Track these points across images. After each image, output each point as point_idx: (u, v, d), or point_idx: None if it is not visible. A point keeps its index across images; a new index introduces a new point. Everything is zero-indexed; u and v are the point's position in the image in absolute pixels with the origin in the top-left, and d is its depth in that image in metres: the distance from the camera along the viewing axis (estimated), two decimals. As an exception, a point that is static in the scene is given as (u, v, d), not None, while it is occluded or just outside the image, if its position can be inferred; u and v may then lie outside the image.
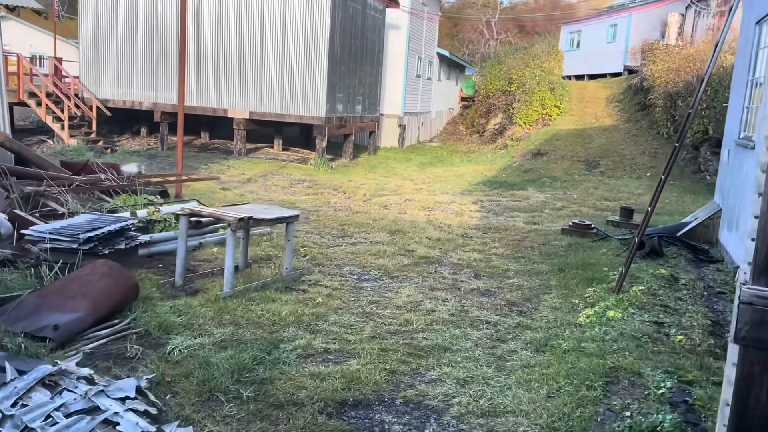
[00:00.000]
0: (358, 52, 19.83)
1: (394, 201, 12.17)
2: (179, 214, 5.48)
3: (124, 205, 7.26)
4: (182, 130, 10.27)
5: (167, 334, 4.38)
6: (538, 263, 7.67)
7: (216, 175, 11.80)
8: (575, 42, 35.79)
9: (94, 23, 18.63)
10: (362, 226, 9.25)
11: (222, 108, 18.20)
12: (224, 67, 17.93)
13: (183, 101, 10.22)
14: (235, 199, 11.13)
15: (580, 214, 11.50)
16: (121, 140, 20.19)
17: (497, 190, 14.67)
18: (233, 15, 17.62)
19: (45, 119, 17.73)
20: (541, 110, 22.07)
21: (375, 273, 6.80)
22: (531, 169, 17.55)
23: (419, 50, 26.89)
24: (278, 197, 11.93)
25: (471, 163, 21.01)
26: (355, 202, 11.89)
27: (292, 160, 18.81)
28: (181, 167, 10.28)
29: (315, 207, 11.02)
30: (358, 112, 20.50)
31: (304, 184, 14.06)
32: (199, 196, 11.04)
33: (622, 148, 18.29)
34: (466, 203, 12.34)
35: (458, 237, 8.96)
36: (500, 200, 12.96)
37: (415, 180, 16.42)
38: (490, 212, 11.48)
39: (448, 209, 11.53)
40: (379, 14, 21.61)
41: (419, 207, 11.55)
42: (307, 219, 9.75)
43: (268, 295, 5.47)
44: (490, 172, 18.28)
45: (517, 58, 27.85)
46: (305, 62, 17.34)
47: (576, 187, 14.93)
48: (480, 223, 10.18)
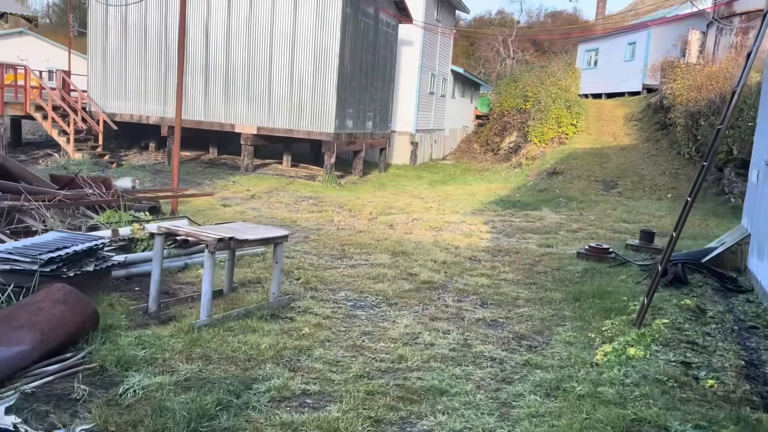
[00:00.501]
0: (370, 68, 19.47)
1: (400, 220, 11.64)
2: (154, 233, 5.01)
3: (107, 222, 6.81)
4: (179, 144, 9.86)
5: (125, 370, 3.87)
6: (551, 290, 7.08)
7: (210, 191, 11.36)
8: (592, 60, 35.29)
9: (103, 37, 18.48)
10: (364, 247, 8.73)
11: (229, 123, 17.88)
12: (232, 82, 17.64)
13: (180, 114, 9.83)
14: (235, 216, 10.68)
15: (597, 236, 10.88)
16: (128, 155, 19.94)
17: (510, 209, 14.09)
18: (242, 29, 17.37)
19: (51, 133, 17.52)
20: (557, 128, 21.50)
21: (372, 299, 6.25)
22: (546, 188, 16.94)
23: (433, 67, 26.51)
24: (280, 215, 11.46)
25: (484, 181, 20.46)
26: (359, 220, 11.38)
27: (300, 177, 18.39)
28: (178, 183, 9.85)
29: (317, 225, 10.53)
30: (369, 128, 20.09)
31: (309, 202, 13.60)
32: (197, 213, 10.61)
33: (642, 168, 17.63)
34: (476, 223, 11.78)
35: (466, 260, 8.40)
36: (513, 221, 12.38)
37: (425, 198, 15.91)
38: (501, 233, 10.90)
39: (456, 229, 10.97)
40: (391, 30, 21.28)
41: (427, 227, 11.01)
42: (307, 238, 9.25)
43: (250, 324, 4.95)
44: (503, 191, 17.70)
45: (533, 75, 27.36)
46: (314, 77, 16.99)
47: (593, 208, 14.30)
48: (490, 245, 9.61)
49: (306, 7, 16.79)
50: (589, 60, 35.48)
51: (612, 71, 32.37)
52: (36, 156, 18.38)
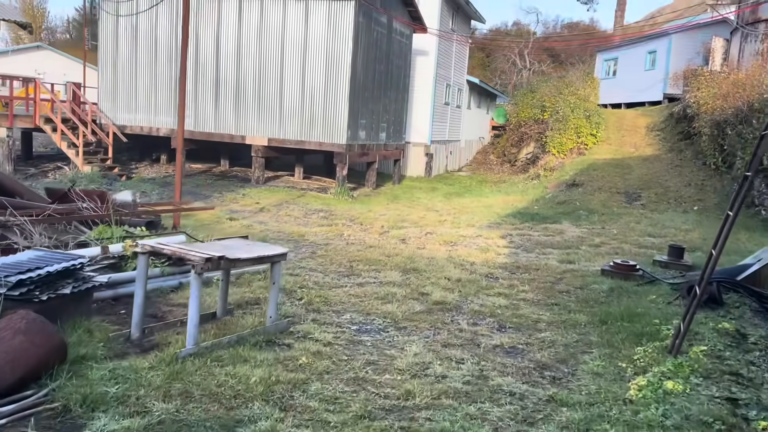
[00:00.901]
0: (383, 78, 19.07)
1: (413, 234, 11.13)
2: (137, 251, 4.56)
3: (97, 238, 6.40)
4: (181, 155, 9.47)
5: (92, 411, 3.40)
6: (575, 312, 6.51)
7: (211, 205, 10.93)
8: (611, 70, 34.62)
9: (113, 48, 18.31)
10: (373, 264, 8.23)
11: (240, 135, 17.55)
12: (243, 93, 17.33)
13: (182, 125, 9.45)
14: (240, 230, 10.25)
15: (621, 252, 10.28)
16: (138, 167, 19.70)
17: (528, 223, 13.51)
18: (253, 39, 17.07)
19: (60, 145, 17.33)
20: (576, 139, 20.88)
21: (379, 322, 5.74)
22: (566, 200, 16.33)
23: (448, 77, 26.07)
24: (288, 228, 11.02)
25: (501, 193, 19.89)
26: (370, 234, 10.89)
27: (312, 189, 17.98)
28: (180, 196, 9.45)
29: (325, 240, 10.06)
30: (382, 139, 19.65)
31: (319, 215, 13.15)
32: (201, 228, 10.21)
33: (665, 179, 16.95)
34: (493, 237, 11.22)
35: (482, 278, 7.85)
36: (531, 235, 11.80)
37: (440, 211, 15.38)
38: (519, 248, 10.34)
39: (472, 244, 10.43)
40: (405, 39, 20.90)
41: (441, 241, 10.48)
42: (314, 254, 8.77)
43: (241, 353, 4.46)
44: (521, 204, 17.11)
45: (551, 85, 26.80)
46: (326, 87, 16.61)
47: (615, 221, 13.67)
48: (508, 261, 9.05)
49: (317, 17, 16.47)
50: (608, 69, 34.81)
51: (632, 80, 31.67)
52: (46, 169, 18.19)
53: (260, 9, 16.92)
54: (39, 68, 42.25)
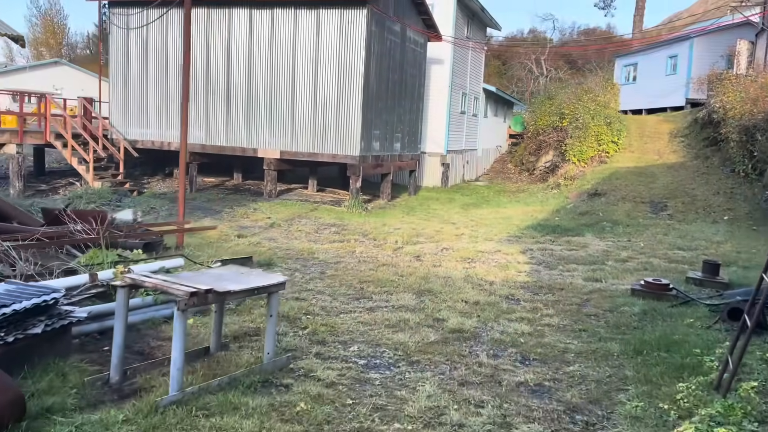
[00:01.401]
0: (397, 87, 18.63)
1: (429, 250, 10.60)
2: (115, 285, 4.10)
3: (87, 264, 5.98)
4: (184, 170, 9.07)
5: (49, 479, 2.93)
6: (606, 340, 5.93)
7: (212, 225, 10.44)
8: (631, 75, 33.90)
9: (125, 63, 18.11)
10: (385, 285, 7.71)
11: (252, 147, 17.19)
12: (255, 105, 16.99)
13: (185, 138, 9.04)
14: (247, 249, 9.81)
15: (650, 267, 9.64)
16: (150, 182, 19.44)
17: (550, 236, 12.90)
18: (263, 50, 16.74)
19: (70, 161, 17.11)
20: (597, 146, 20.22)
21: (389, 355, 5.22)
22: (588, 211, 15.66)
23: (464, 85, 25.57)
24: (298, 245, 10.55)
25: (520, 203, 19.27)
26: (383, 251, 10.38)
27: (326, 202, 17.54)
28: (183, 214, 9.03)
29: (336, 258, 9.57)
30: (397, 150, 19.18)
31: (331, 230, 12.68)
32: (209, 246, 9.79)
33: (692, 187, 16.22)
34: (513, 253, 10.65)
35: (502, 299, 7.29)
36: (553, 249, 11.20)
37: (457, 223, 14.83)
38: (541, 264, 9.75)
39: (491, 260, 9.87)
40: (419, 47, 20.46)
41: (458, 258, 9.94)
42: (323, 274, 8.28)
43: (232, 398, 3.97)
44: (541, 215, 16.49)
45: (569, 92, 26.15)
46: (338, 98, 16.20)
47: (641, 233, 13.00)
48: (529, 280, 8.47)
49: (329, 26, 16.09)
50: (628, 75, 34.10)
51: (652, 86, 30.93)
52: (57, 185, 18.00)
53: (270, 19, 16.60)
54: (57, 84, 42.65)
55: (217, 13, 17.06)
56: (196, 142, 17.66)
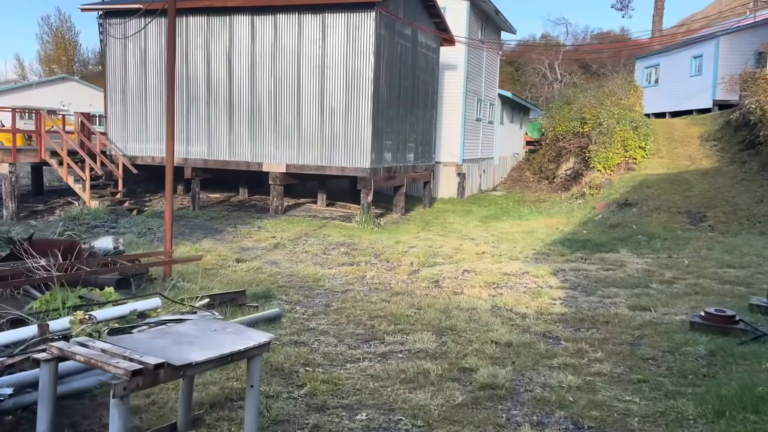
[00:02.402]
0: (409, 94, 17.60)
1: (448, 273, 9.49)
2: (38, 358, 3.07)
3: (39, 311, 4.97)
4: (171, 188, 8.05)
5: None
6: (675, 395, 4.78)
7: (197, 256, 9.27)
8: (652, 77, 32.63)
9: (123, 75, 17.28)
10: (400, 321, 6.62)
11: (256, 161, 16.23)
12: (258, 116, 16.05)
13: (171, 153, 8.05)
14: (245, 276, 8.77)
15: (702, 291, 8.46)
16: (152, 200, 18.55)
17: (580, 252, 11.74)
18: (266, 58, 15.81)
19: (66, 180, 16.25)
20: (624, 152, 19.01)
21: (406, 426, 4.13)
22: (619, 223, 14.45)
23: (479, 91, 24.50)
24: (302, 270, 9.50)
25: (542, 215, 18.09)
26: (397, 275, 9.29)
27: (335, 218, 16.51)
28: (171, 241, 8.01)
29: (344, 285, 8.50)
30: (410, 160, 18.12)
31: (340, 250, 11.62)
32: (203, 274, 8.77)
33: (732, 195, 14.96)
34: (543, 274, 9.50)
35: (538, 338, 6.17)
36: (587, 269, 10.03)
37: (477, 239, 13.71)
38: (577, 289, 8.60)
39: (519, 285, 8.74)
40: (432, 52, 19.44)
41: (481, 282, 8.82)
42: (327, 308, 7.21)
43: None
44: (567, 227, 15.32)
45: (589, 96, 24.97)
46: (347, 107, 15.20)
47: (683, 248, 11.79)
48: (567, 311, 7.33)
49: (335, 31, 15.13)
50: (649, 77, 32.82)
51: (676, 88, 29.64)
52: (55, 205, 17.16)
53: (274, 25, 15.68)
54: (65, 100, 42.28)
55: (218, 21, 16.18)
56: (198, 157, 16.75)
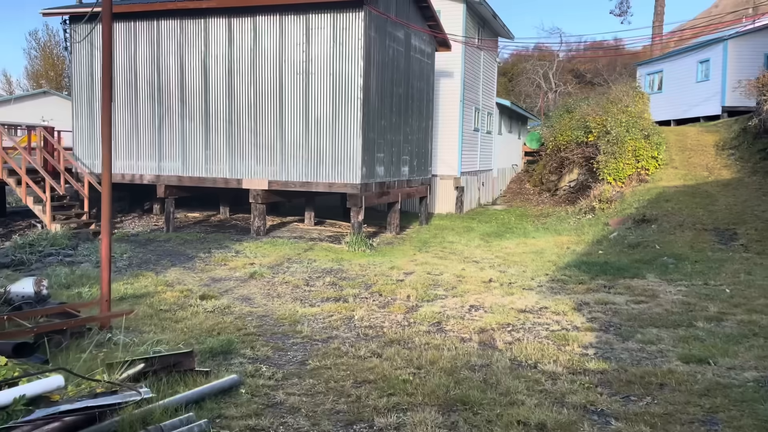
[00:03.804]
0: (402, 103, 16.16)
1: (452, 311, 7.97)
2: None
3: None
4: (109, 212, 6.48)
5: None
6: None
7: (130, 309, 7.30)
8: (656, 84, 31.36)
9: (89, 85, 15.78)
10: (395, 389, 5.08)
11: (235, 178, 14.72)
12: (237, 128, 14.56)
13: (109, 165, 6.49)
14: (206, 320, 7.22)
15: (761, 331, 6.96)
16: (124, 221, 17.00)
17: (600, 278, 10.25)
18: (246, 64, 14.36)
19: (25, 201, 14.70)
20: (635, 163, 17.59)
21: None
22: (639, 242, 12.96)
23: (476, 100, 23.12)
24: (279, 309, 7.96)
25: (549, 232, 16.61)
26: (392, 315, 7.76)
27: (324, 238, 14.99)
28: (108, 286, 6.42)
29: (327, 330, 6.96)
30: (405, 174, 16.65)
31: (326, 279, 10.09)
32: (157, 316, 7.24)
33: (762, 209, 13.52)
34: (564, 310, 8.00)
35: (579, 415, 4.64)
36: (615, 302, 8.54)
37: (481, 262, 12.22)
38: (609, 330, 7.09)
39: (539, 327, 7.23)
40: (427, 58, 18.04)
41: (493, 324, 7.30)
42: (303, 366, 5.68)
43: None
44: (579, 247, 13.84)
45: (592, 103, 23.62)
46: (334, 117, 13.74)
47: (717, 273, 10.31)
48: (606, 367, 5.79)
49: (321, 32, 13.70)
50: (651, 84, 31.56)
51: (681, 94, 28.38)
52: (16, 228, 15.59)
53: (253, 27, 14.24)
54: (46, 114, 40.68)
55: (191, 25, 14.73)
56: (171, 174, 15.23)
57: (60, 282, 9.11)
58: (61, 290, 8.57)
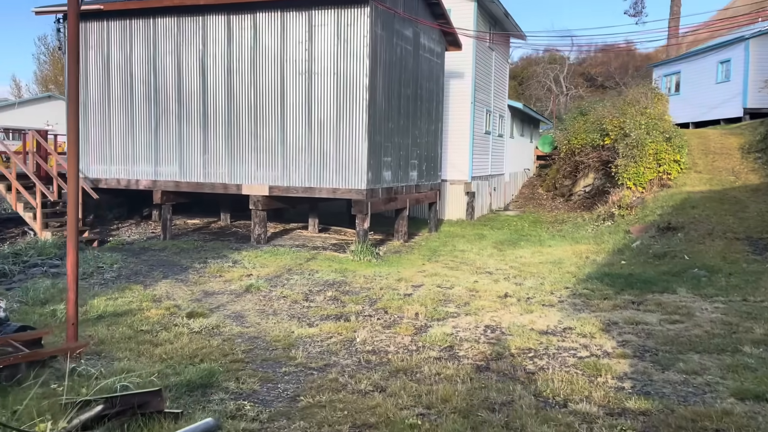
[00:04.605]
0: (411, 104, 15.37)
1: (465, 333, 7.14)
2: None
3: None
4: (75, 226, 5.73)
5: None
6: None
7: (83, 342, 6.24)
8: (673, 85, 30.40)
9: (83, 86, 15.10)
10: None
11: (235, 183, 13.97)
12: (236, 131, 13.82)
13: (75, 175, 5.74)
14: (189, 344, 6.45)
15: (822, 358, 6.08)
16: (121, 228, 16.28)
17: (627, 292, 9.39)
18: (246, 64, 13.63)
19: (15, 207, 14.06)
20: (657, 167, 16.68)
21: None
22: (665, 252, 12.06)
23: (488, 102, 22.29)
24: (273, 329, 7.17)
25: (566, 240, 15.73)
26: (398, 337, 6.95)
27: (328, 247, 14.21)
28: (75, 308, 5.67)
29: (324, 356, 6.16)
30: (413, 179, 15.84)
31: (327, 294, 9.29)
32: (135, 338, 6.48)
33: (797, 216, 12.61)
34: (591, 332, 7.14)
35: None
36: (647, 321, 7.67)
37: (494, 273, 11.38)
38: (645, 357, 6.24)
39: (565, 353, 6.38)
40: (436, 58, 17.24)
41: (513, 349, 6.47)
42: (294, 402, 4.87)
43: None
44: (599, 257, 12.97)
45: (608, 105, 22.74)
46: (339, 118, 12.97)
47: (756, 287, 9.41)
48: (649, 406, 4.94)
49: (324, 30, 12.95)
50: (668, 85, 30.59)
51: (700, 96, 27.40)
52: (9, 235, 14.92)
53: (253, 25, 13.51)
54: (51, 119, 40.26)
55: (189, 23, 14.03)
56: (168, 179, 14.51)
57: (37, 297, 8.38)
58: (35, 307, 7.83)
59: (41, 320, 7.16)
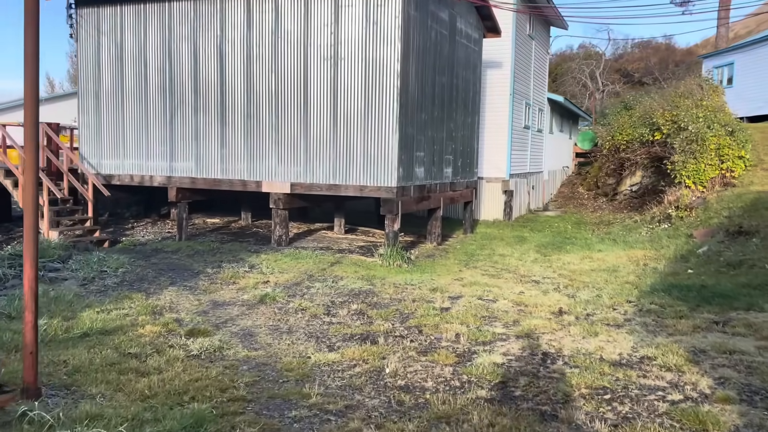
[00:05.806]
0: (446, 94, 14.05)
1: (518, 360, 5.83)
2: None
3: None
4: (33, 225, 4.61)
5: None
6: None
7: (9, 394, 5.23)
8: (724, 77, 28.39)
9: (95, 76, 14.21)
10: None
11: (254, 180, 12.87)
12: (256, 124, 12.71)
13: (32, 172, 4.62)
14: (182, 374, 5.28)
15: None
16: (136, 227, 15.35)
17: (704, 308, 7.94)
18: (267, 50, 12.50)
19: (22, 205, 13.13)
20: (719, 164, 15.04)
21: None
22: (741, 261, 10.50)
23: (527, 94, 20.83)
24: (286, 353, 5.98)
25: (616, 243, 14.23)
26: (436, 367, 5.68)
27: (354, 250, 13.02)
28: (34, 335, 4.54)
29: (345, 394, 4.93)
30: (448, 176, 14.52)
31: (353, 306, 8.07)
32: (113, 365, 5.36)
33: None
34: (677, 362, 5.76)
35: None
36: (739, 347, 6.24)
37: (542, 282, 10.02)
38: (755, 402, 4.85)
39: (650, 393, 5.03)
40: (474, 44, 15.88)
41: (582, 386, 5.14)
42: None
43: None
44: (659, 264, 11.48)
45: (657, 98, 21.06)
46: (367, 109, 11.75)
47: None
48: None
49: (351, 12, 11.73)
50: (720, 77, 28.59)
51: (756, 89, 25.39)
52: (17, 234, 14.09)
53: (275, 8, 12.36)
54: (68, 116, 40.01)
55: (207, 7, 12.96)
56: (184, 175, 13.49)
57: (22, 308, 7.32)
58: (16, 322, 6.78)
59: (15, 339, 6.08)
